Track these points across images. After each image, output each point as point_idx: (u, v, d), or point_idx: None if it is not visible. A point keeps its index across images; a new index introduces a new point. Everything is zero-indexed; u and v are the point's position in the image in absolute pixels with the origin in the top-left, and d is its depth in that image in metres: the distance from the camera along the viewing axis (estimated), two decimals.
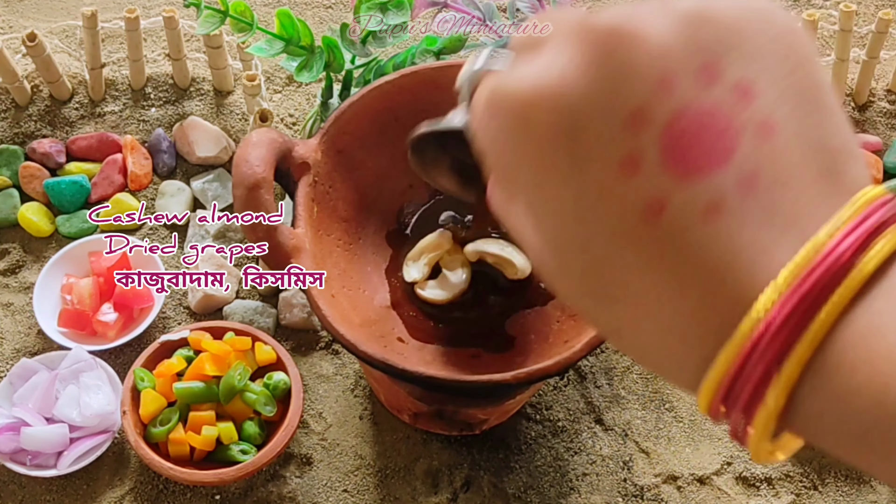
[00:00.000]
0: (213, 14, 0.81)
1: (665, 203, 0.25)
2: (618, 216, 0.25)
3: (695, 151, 0.25)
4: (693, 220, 0.25)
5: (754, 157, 0.25)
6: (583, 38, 0.25)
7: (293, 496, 0.81)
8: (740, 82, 0.25)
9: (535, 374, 0.62)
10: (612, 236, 0.26)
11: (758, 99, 0.25)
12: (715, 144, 0.25)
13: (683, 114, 0.25)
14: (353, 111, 0.71)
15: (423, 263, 0.72)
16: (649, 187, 0.25)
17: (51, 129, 0.98)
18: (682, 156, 0.25)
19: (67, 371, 0.81)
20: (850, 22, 0.99)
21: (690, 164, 0.25)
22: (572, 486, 0.82)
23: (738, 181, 0.25)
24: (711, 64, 0.25)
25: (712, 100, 0.25)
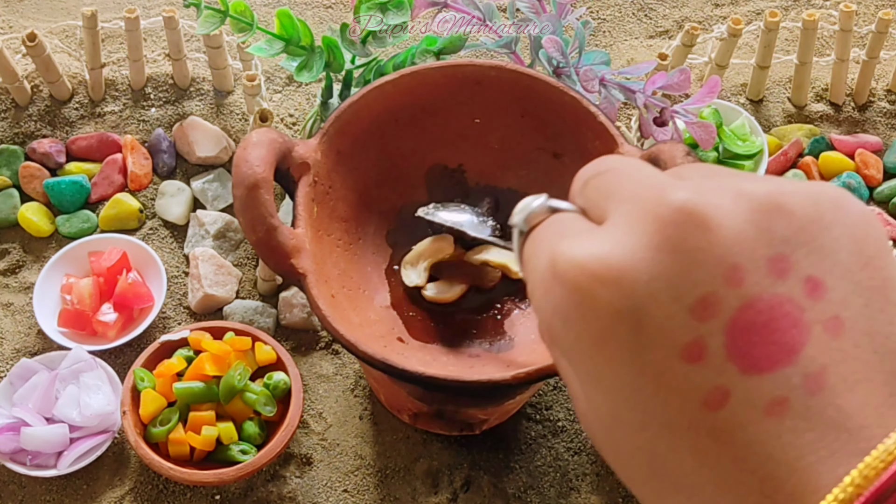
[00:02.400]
0: (213, 14, 0.81)
1: (727, 394, 0.24)
2: (677, 403, 0.25)
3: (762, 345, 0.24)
4: (755, 415, 0.24)
5: (822, 354, 0.24)
6: (656, 216, 0.25)
7: (293, 496, 0.81)
8: (811, 277, 0.25)
9: (535, 374, 0.62)
10: (669, 423, 0.25)
11: (828, 294, 0.25)
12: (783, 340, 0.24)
13: (752, 306, 0.24)
14: (353, 111, 0.71)
15: (423, 268, 0.72)
16: (712, 377, 0.24)
17: (51, 129, 0.98)
18: (749, 349, 0.24)
19: (67, 371, 0.81)
20: (850, 22, 0.99)
21: (756, 359, 0.24)
22: (572, 486, 0.82)
23: (804, 379, 0.24)
24: (783, 257, 0.25)
25: (782, 293, 0.24)
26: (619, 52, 1.10)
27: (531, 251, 0.29)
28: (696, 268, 0.24)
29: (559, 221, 0.29)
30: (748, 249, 0.24)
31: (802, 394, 0.24)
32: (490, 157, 0.77)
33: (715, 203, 0.25)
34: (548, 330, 0.27)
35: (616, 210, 0.27)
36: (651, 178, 0.27)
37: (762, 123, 1.02)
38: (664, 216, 0.25)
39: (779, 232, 0.25)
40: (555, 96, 0.72)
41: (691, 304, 0.24)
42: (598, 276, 0.25)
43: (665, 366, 0.25)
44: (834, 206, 0.26)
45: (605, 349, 0.25)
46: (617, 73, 0.83)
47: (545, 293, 0.27)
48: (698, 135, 0.82)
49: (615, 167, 0.29)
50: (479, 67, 0.73)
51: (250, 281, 0.92)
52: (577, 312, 0.26)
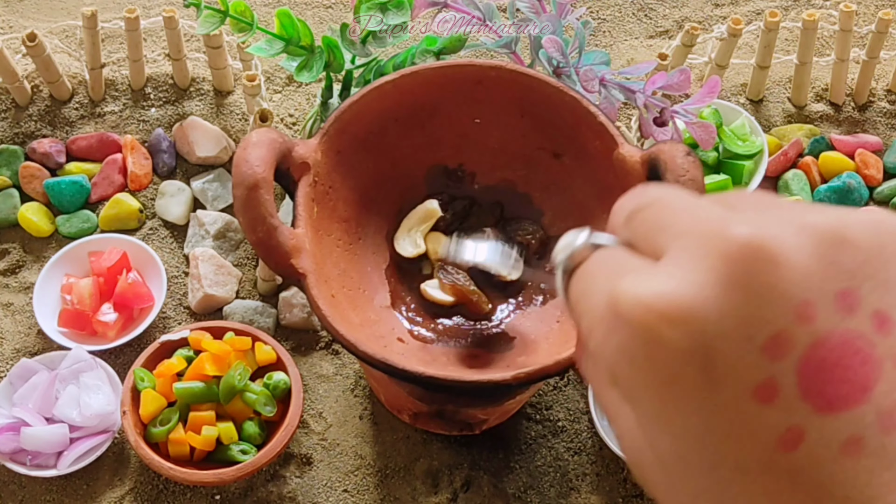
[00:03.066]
0: (213, 14, 0.81)
1: (802, 434, 0.24)
2: (751, 444, 0.24)
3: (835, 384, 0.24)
4: (831, 454, 0.24)
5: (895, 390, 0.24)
6: (719, 253, 0.24)
7: (293, 496, 0.81)
8: (878, 311, 0.24)
9: (535, 374, 0.62)
10: (742, 464, 0.25)
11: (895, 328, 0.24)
12: (856, 377, 0.24)
13: (824, 343, 0.24)
14: (353, 111, 0.71)
15: (417, 238, 0.73)
16: (786, 417, 0.24)
17: (51, 129, 0.98)
18: (822, 387, 0.24)
19: (67, 371, 0.81)
20: (850, 22, 0.99)
21: (830, 397, 0.24)
22: (572, 486, 0.82)
23: (878, 417, 0.24)
24: (851, 291, 0.24)
25: (852, 329, 0.24)
26: (619, 52, 1.10)
27: (582, 290, 0.29)
28: (766, 305, 0.24)
29: (610, 258, 0.29)
30: (817, 284, 0.24)
31: (877, 432, 0.24)
32: (490, 156, 0.77)
33: (780, 237, 0.24)
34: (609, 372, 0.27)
35: (673, 245, 0.26)
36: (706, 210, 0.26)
37: (762, 123, 1.02)
38: (730, 252, 0.24)
39: (845, 265, 0.24)
40: (555, 96, 0.72)
41: (763, 342, 0.24)
42: (666, 316, 0.24)
43: (738, 406, 0.24)
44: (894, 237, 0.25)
45: (675, 390, 0.25)
46: (617, 73, 0.83)
47: (607, 334, 0.26)
48: (698, 135, 0.82)
49: (662, 198, 0.28)
50: (479, 67, 0.73)
51: (250, 281, 0.92)
52: (644, 353, 0.25)
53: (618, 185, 0.69)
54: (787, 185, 0.98)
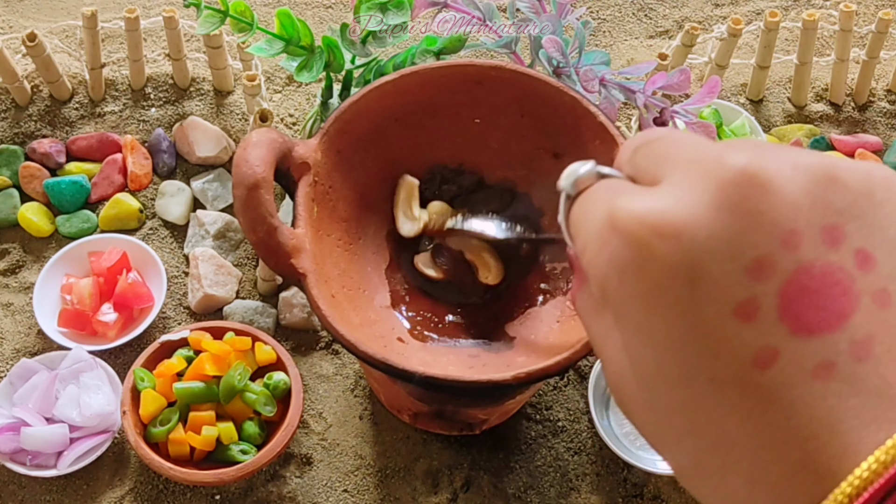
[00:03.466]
0: (213, 14, 0.81)
1: (777, 354, 0.25)
2: (727, 359, 0.25)
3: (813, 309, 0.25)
4: (803, 376, 0.25)
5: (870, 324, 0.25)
6: (715, 176, 0.26)
7: (293, 496, 0.81)
8: (862, 249, 0.25)
9: (535, 375, 0.62)
10: (717, 378, 0.25)
11: (877, 267, 0.25)
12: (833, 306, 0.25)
13: (806, 271, 0.25)
14: (353, 111, 0.71)
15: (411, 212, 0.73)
16: (763, 336, 0.25)
17: (51, 129, 0.98)
18: (800, 311, 0.25)
19: (67, 371, 0.81)
20: (850, 22, 0.99)
21: (807, 321, 0.25)
22: (572, 486, 0.82)
23: (851, 345, 0.25)
24: (837, 227, 0.25)
25: (834, 262, 0.25)
26: (619, 52, 1.10)
27: (582, 211, 0.30)
28: (755, 229, 0.25)
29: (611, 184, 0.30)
30: (805, 216, 0.25)
31: (849, 360, 0.25)
32: (490, 156, 0.77)
33: (775, 169, 0.25)
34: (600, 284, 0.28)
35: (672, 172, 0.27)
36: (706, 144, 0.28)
37: (762, 123, 1.02)
38: (725, 177, 0.25)
39: (834, 203, 0.25)
40: (555, 96, 0.72)
41: (748, 263, 0.25)
42: (658, 230, 0.25)
43: (718, 322, 0.25)
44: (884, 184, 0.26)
45: (660, 302, 0.26)
46: (617, 73, 0.83)
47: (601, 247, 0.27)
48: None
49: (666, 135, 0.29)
50: (479, 67, 0.73)
51: (250, 281, 0.92)
52: (634, 264, 0.26)
53: None
54: None
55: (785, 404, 0.25)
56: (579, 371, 0.88)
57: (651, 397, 0.27)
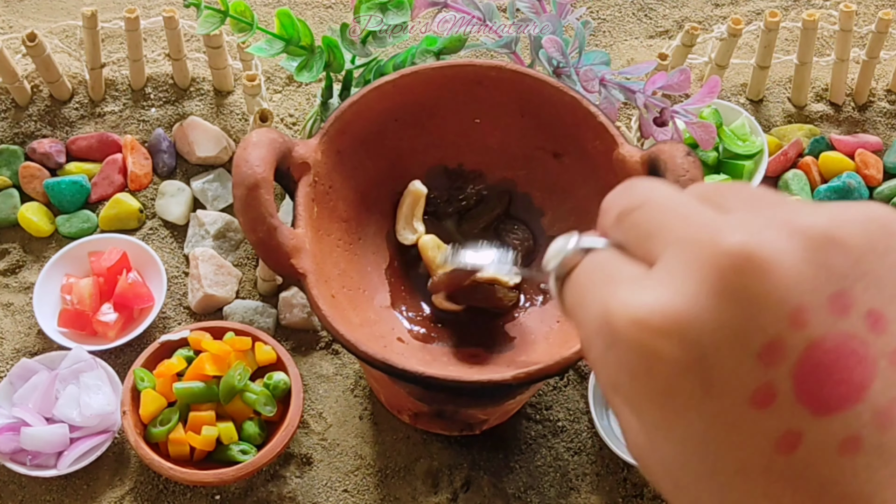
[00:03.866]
0: (213, 14, 0.81)
1: (800, 437, 0.24)
2: (750, 449, 0.25)
3: (831, 386, 0.24)
4: (829, 455, 0.24)
5: (890, 388, 0.24)
6: (711, 263, 0.25)
7: (293, 496, 0.81)
8: (872, 310, 0.25)
9: (535, 375, 0.62)
10: (742, 468, 0.25)
11: (890, 326, 0.25)
12: (851, 378, 0.24)
13: (818, 346, 0.24)
14: (353, 111, 0.71)
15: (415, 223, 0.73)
16: (783, 421, 0.24)
17: (51, 129, 0.98)
18: (818, 390, 0.24)
19: (67, 371, 0.81)
20: (850, 22, 0.99)
21: (826, 399, 0.24)
22: (572, 486, 0.82)
23: (874, 415, 0.24)
24: (844, 293, 0.24)
25: (846, 331, 0.24)
26: (619, 52, 1.10)
27: (577, 300, 0.29)
28: (760, 313, 0.24)
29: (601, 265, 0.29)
30: (809, 289, 0.24)
31: (874, 430, 0.24)
32: (490, 156, 0.77)
33: (771, 244, 0.24)
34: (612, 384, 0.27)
35: (665, 253, 0.26)
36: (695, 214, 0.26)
37: (762, 123, 1.02)
38: (722, 262, 0.24)
39: (837, 267, 0.25)
40: (555, 96, 0.72)
41: (758, 349, 0.24)
42: (661, 331, 0.25)
43: (735, 413, 0.24)
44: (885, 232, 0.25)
45: (674, 401, 0.25)
46: (617, 73, 0.83)
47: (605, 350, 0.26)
48: (698, 135, 0.82)
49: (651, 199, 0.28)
50: (479, 67, 0.73)
51: (250, 281, 0.92)
52: (642, 367, 0.25)
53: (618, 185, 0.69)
54: (787, 185, 0.98)
55: (814, 485, 0.24)
56: (579, 371, 0.88)
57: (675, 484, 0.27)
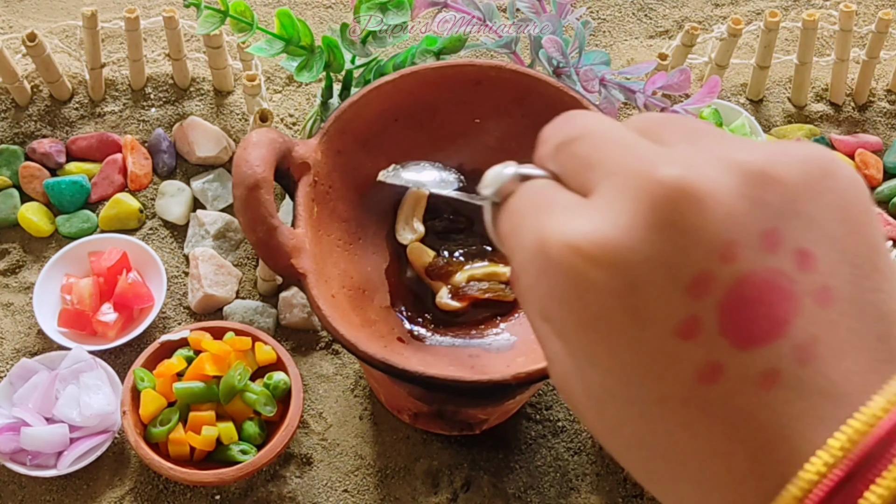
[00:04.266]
0: (213, 14, 0.81)
1: (721, 369, 0.25)
2: (671, 378, 0.25)
3: (754, 320, 0.24)
4: (748, 387, 0.25)
5: (812, 325, 0.25)
6: (649, 194, 0.25)
7: (293, 496, 0.81)
8: (801, 248, 0.25)
9: (535, 375, 0.62)
10: (663, 397, 0.25)
11: (817, 265, 0.25)
12: (774, 314, 0.24)
13: (745, 281, 0.24)
14: (353, 111, 0.71)
15: (415, 223, 0.73)
16: (706, 352, 0.25)
17: (51, 129, 0.98)
18: (741, 324, 0.24)
19: (67, 371, 0.81)
20: (850, 22, 0.99)
21: (749, 333, 0.24)
22: (572, 486, 0.82)
23: (794, 350, 0.25)
24: (775, 230, 0.25)
25: (774, 267, 0.25)
26: (619, 52, 1.10)
27: (511, 226, 0.29)
28: (691, 246, 0.24)
29: (537, 193, 0.29)
30: (742, 224, 0.24)
31: (793, 365, 0.24)
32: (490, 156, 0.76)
33: (708, 177, 0.25)
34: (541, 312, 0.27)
35: (602, 183, 0.26)
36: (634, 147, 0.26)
37: (762, 123, 1.02)
38: (658, 193, 0.25)
39: (771, 204, 0.25)
40: (555, 96, 0.72)
41: (687, 282, 0.24)
42: (593, 258, 0.25)
43: (660, 343, 0.25)
44: (822, 173, 0.26)
45: (602, 328, 0.25)
46: (617, 73, 0.83)
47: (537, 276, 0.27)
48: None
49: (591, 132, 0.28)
50: (479, 67, 0.73)
51: (250, 281, 0.92)
52: (572, 294, 0.26)
53: None
54: None
55: (732, 417, 0.25)
56: None
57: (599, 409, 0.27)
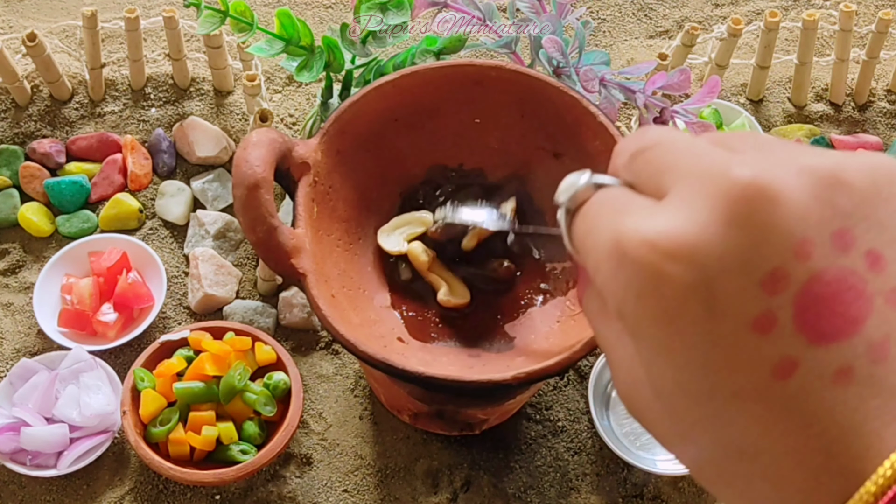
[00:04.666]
0: (213, 14, 0.81)
1: (796, 364, 0.25)
2: (748, 372, 0.26)
3: (828, 317, 0.25)
4: (822, 383, 0.25)
5: (885, 325, 0.25)
6: (723, 191, 0.26)
7: (293, 496, 0.81)
8: (872, 250, 0.26)
9: (536, 375, 0.62)
10: (738, 392, 0.26)
11: (888, 267, 0.26)
12: (848, 311, 0.25)
13: (819, 279, 0.25)
14: (353, 111, 0.71)
15: (402, 237, 0.73)
16: (781, 347, 0.25)
17: (51, 129, 0.98)
18: (816, 320, 0.25)
19: (67, 371, 0.81)
20: (850, 22, 0.99)
21: (824, 330, 0.25)
22: (572, 486, 0.82)
23: (868, 349, 0.25)
24: (846, 231, 0.26)
25: (846, 267, 0.25)
26: (619, 52, 1.10)
27: (587, 229, 0.30)
28: (766, 242, 0.25)
29: (613, 198, 0.30)
30: (814, 224, 0.25)
31: (867, 363, 0.25)
32: (490, 156, 0.77)
33: (781, 178, 0.25)
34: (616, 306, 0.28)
35: (676, 185, 0.27)
36: (707, 152, 0.27)
37: (762, 123, 1.02)
38: (733, 192, 0.25)
39: (841, 206, 0.26)
40: (555, 96, 0.72)
41: (762, 277, 0.25)
42: (671, 253, 0.26)
43: (736, 337, 0.25)
44: (889, 180, 0.26)
45: (678, 323, 0.26)
46: (617, 73, 0.83)
47: (614, 271, 0.27)
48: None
49: (663, 140, 0.29)
50: (479, 67, 0.73)
51: (250, 281, 0.92)
52: (650, 288, 0.26)
53: None
54: None
55: (807, 412, 0.25)
56: (579, 371, 0.88)
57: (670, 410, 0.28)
